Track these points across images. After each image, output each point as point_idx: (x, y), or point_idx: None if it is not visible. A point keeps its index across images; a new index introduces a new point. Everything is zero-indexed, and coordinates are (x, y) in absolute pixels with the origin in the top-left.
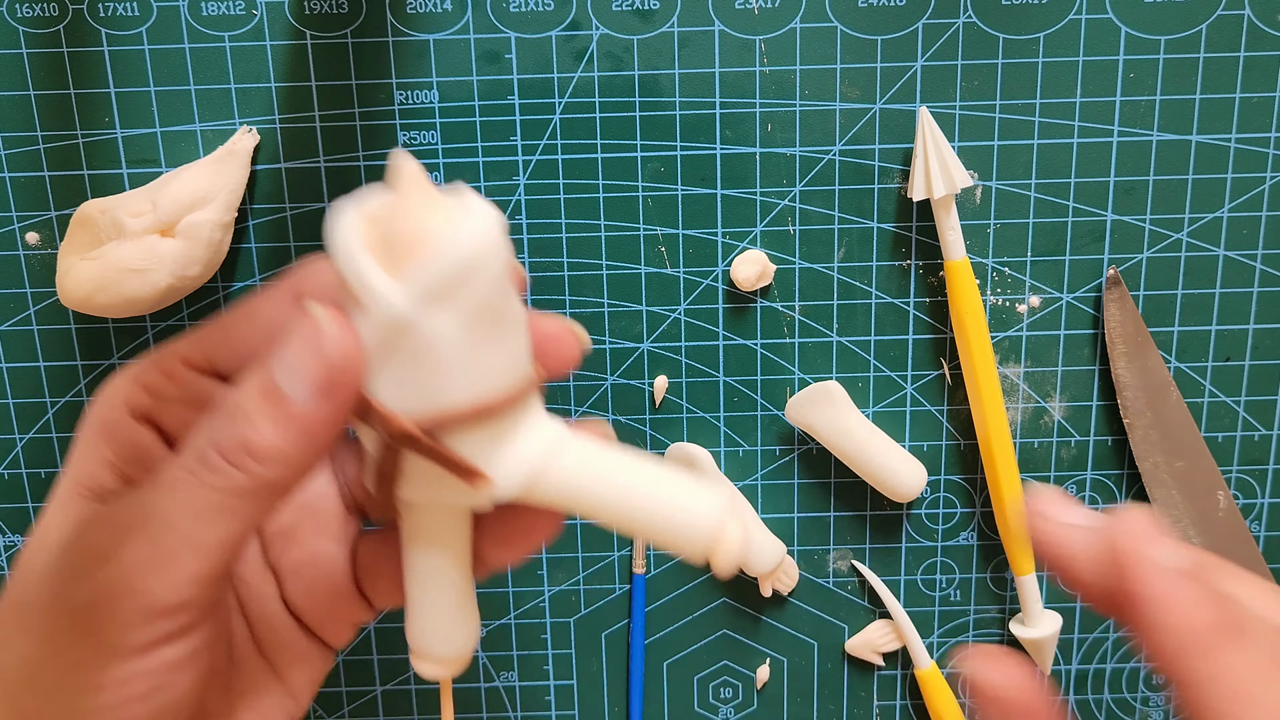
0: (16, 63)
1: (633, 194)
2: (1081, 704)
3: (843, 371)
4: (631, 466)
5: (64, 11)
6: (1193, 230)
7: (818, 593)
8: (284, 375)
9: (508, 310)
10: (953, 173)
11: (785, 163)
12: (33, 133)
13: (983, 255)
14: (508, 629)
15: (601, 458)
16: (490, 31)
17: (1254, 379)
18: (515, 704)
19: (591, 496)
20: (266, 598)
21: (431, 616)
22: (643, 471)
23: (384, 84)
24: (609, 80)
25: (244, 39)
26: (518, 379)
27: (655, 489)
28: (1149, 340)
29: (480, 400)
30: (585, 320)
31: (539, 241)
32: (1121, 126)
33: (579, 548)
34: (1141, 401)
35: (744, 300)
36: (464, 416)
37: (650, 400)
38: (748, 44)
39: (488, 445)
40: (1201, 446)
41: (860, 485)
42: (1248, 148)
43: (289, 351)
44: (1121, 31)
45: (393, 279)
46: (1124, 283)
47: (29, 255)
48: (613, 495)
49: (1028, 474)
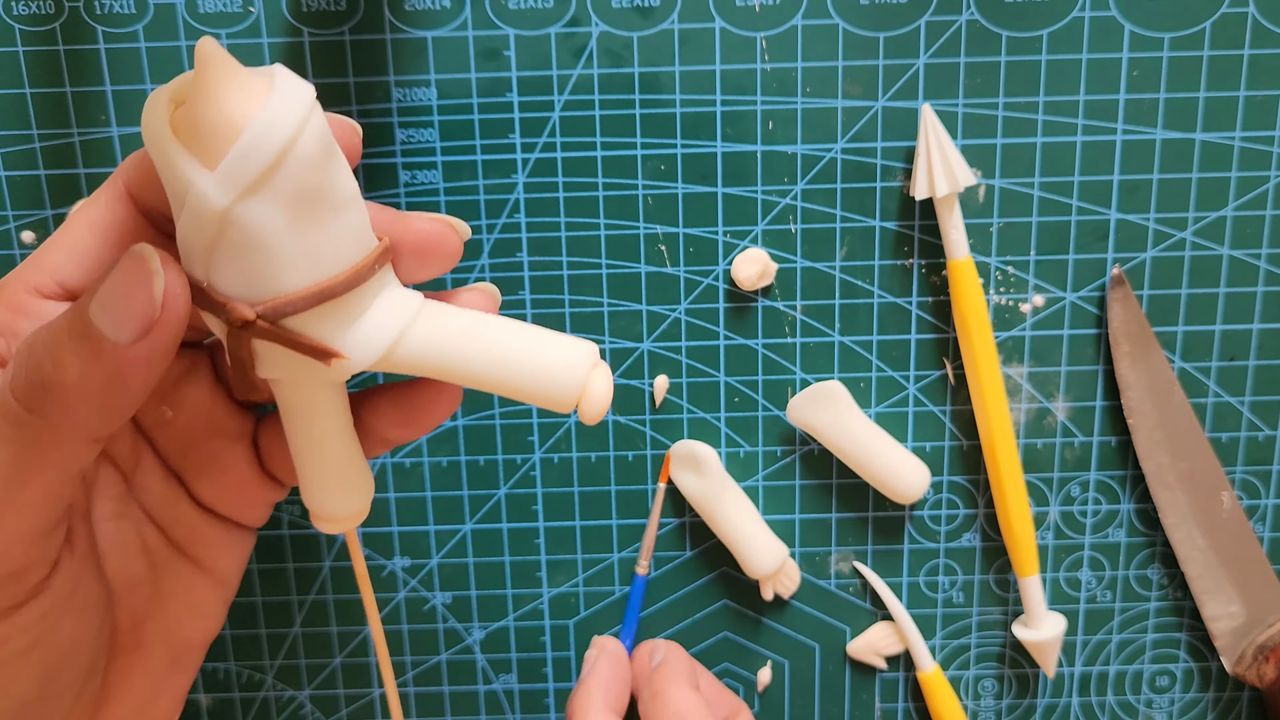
0: (12, 60)
1: (632, 192)
2: (1085, 706)
3: (845, 371)
4: (493, 324)
5: (60, 9)
6: (1197, 229)
7: (819, 595)
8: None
9: (333, 189)
10: (955, 171)
11: (786, 161)
12: (28, 131)
13: (986, 254)
14: (506, 631)
15: (461, 319)
16: (489, 28)
17: (1259, 379)
18: (514, 707)
19: (451, 357)
20: (175, 500)
21: (322, 484)
22: (505, 328)
23: (382, 81)
24: (609, 77)
25: (241, 36)
26: (359, 256)
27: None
28: (1153, 340)
29: (318, 282)
30: (585, 320)
31: (538, 240)
32: (1125, 124)
33: (578, 549)
34: (1146, 402)
35: (745, 299)
36: (303, 300)
37: (650, 400)
38: (749, 41)
39: (336, 322)
40: (1205, 447)
41: (862, 486)
42: (1252, 146)
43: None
44: (1125, 29)
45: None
46: (1128, 282)
47: (24, 254)
48: (473, 353)
49: (1031, 474)
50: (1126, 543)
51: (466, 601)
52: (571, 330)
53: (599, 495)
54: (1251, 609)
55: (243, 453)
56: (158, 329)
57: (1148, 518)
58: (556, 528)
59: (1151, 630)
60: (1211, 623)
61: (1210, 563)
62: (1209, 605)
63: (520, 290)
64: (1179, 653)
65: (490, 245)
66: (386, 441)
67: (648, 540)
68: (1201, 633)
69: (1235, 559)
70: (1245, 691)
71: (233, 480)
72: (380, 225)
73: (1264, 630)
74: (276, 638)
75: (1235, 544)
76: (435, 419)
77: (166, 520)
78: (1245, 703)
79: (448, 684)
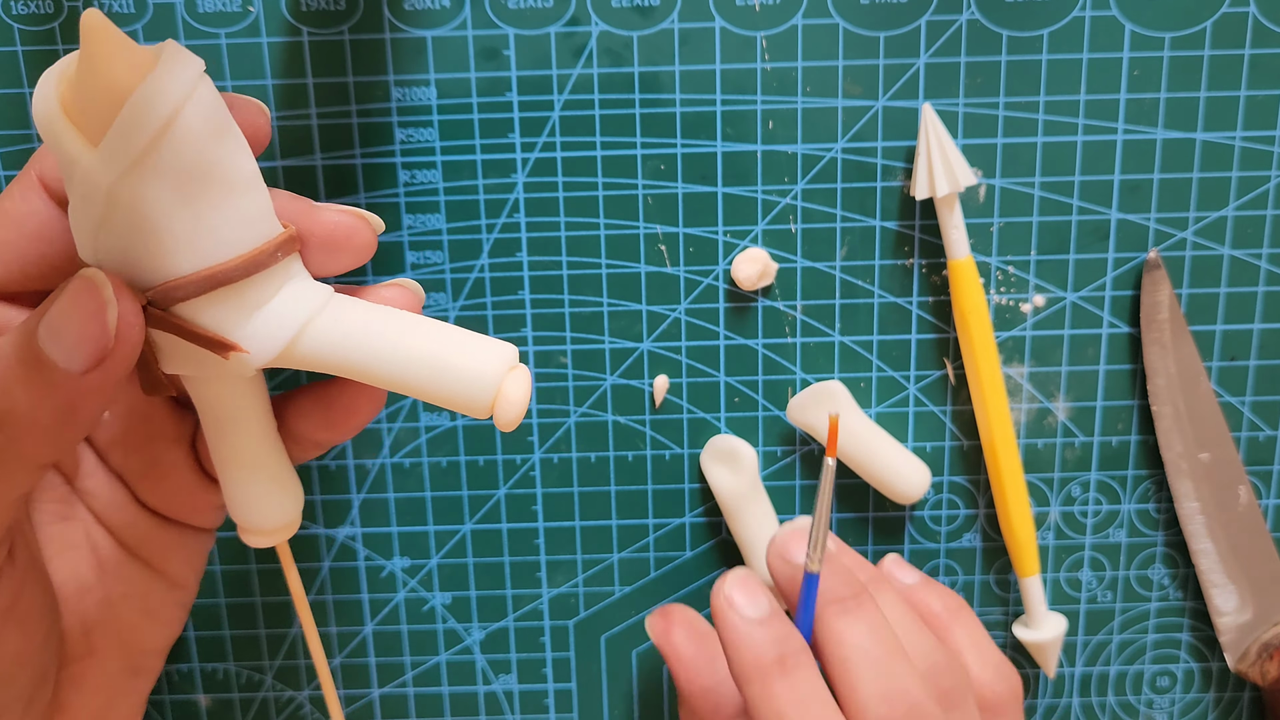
0: (11, 60)
1: (632, 192)
2: (1085, 706)
3: (845, 371)
4: (406, 322)
5: (59, 8)
6: (1198, 229)
7: None
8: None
9: (227, 168)
10: (956, 171)
11: (787, 160)
12: (28, 130)
13: (986, 254)
14: (506, 632)
15: (374, 314)
16: (488, 28)
17: (1259, 379)
18: (514, 707)
19: (359, 354)
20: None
21: (246, 492)
22: (419, 326)
23: (381, 81)
24: (609, 77)
25: (240, 36)
26: (257, 242)
27: (431, 343)
28: (1184, 327)
29: (210, 267)
30: (585, 320)
31: (538, 240)
32: (1126, 124)
33: (578, 550)
34: (1173, 389)
35: (745, 299)
36: (194, 284)
37: (650, 400)
38: (749, 40)
39: (233, 312)
40: (1227, 439)
41: (862, 486)
42: (1253, 146)
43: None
44: (1126, 28)
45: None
46: (1164, 266)
47: None
48: (384, 352)
49: (1032, 475)
50: (1128, 543)
51: (466, 602)
52: (571, 330)
53: (599, 495)
54: (1259, 606)
55: (183, 455)
56: (111, 359)
57: (1149, 518)
58: (556, 528)
59: (1152, 630)
60: (1217, 617)
61: (1222, 557)
62: (1216, 599)
63: (520, 290)
64: (1180, 653)
65: (490, 245)
66: (316, 444)
67: (820, 528)
68: (1203, 633)
69: (1246, 555)
70: (1246, 692)
71: (175, 484)
72: (288, 214)
73: (1270, 628)
74: (276, 638)
75: (1248, 540)
76: (359, 419)
77: (114, 523)
78: (1246, 703)
79: (447, 684)
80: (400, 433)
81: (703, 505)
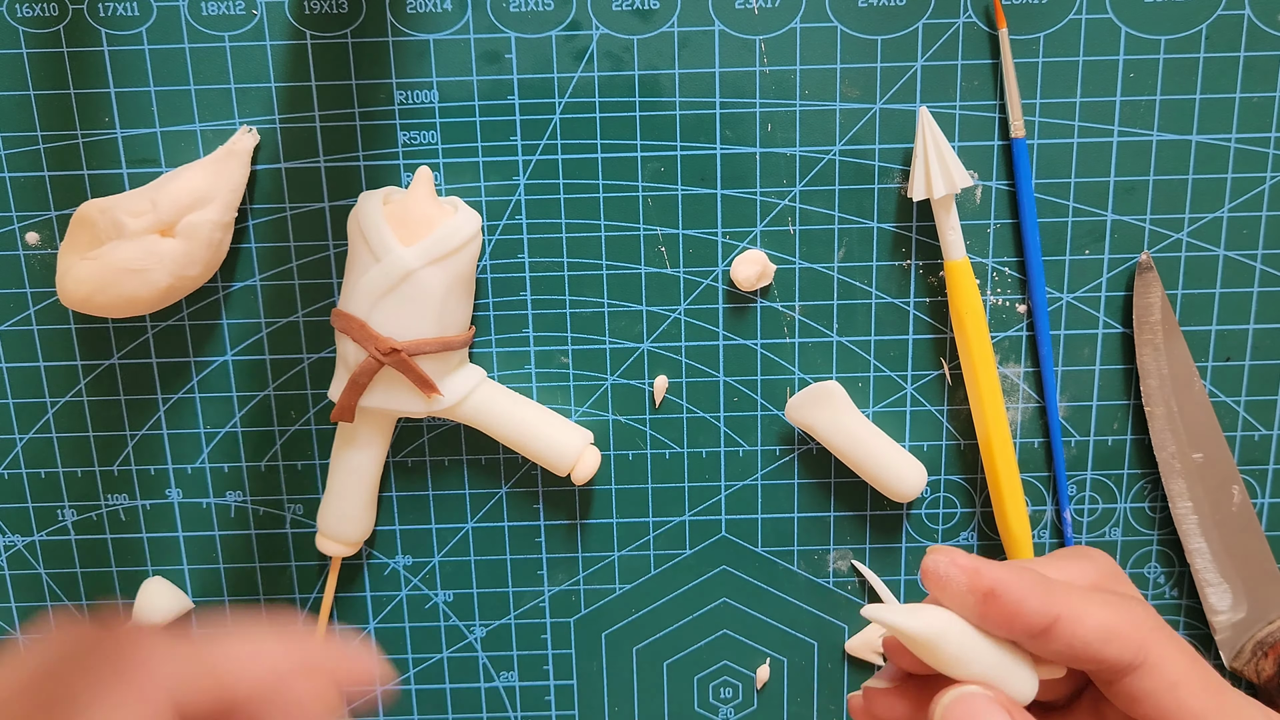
0: (16, 63)
1: (633, 194)
2: None
3: (843, 371)
4: (524, 404)
5: (64, 11)
6: (1193, 230)
7: (818, 592)
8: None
9: (468, 282)
10: (953, 173)
11: (785, 163)
12: (32, 132)
13: (983, 255)
14: (508, 629)
15: (506, 395)
16: (490, 31)
17: (1254, 379)
18: (515, 704)
19: (498, 420)
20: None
21: (344, 505)
22: (532, 408)
23: (384, 84)
24: (609, 80)
25: (244, 39)
26: (465, 330)
27: (540, 421)
28: (1177, 328)
29: (445, 336)
30: (585, 320)
31: (539, 241)
32: (1122, 126)
33: (579, 548)
34: (1165, 390)
35: (744, 300)
36: (433, 345)
37: (650, 400)
38: (748, 44)
39: (439, 370)
40: (1220, 439)
41: (860, 485)
42: (1248, 148)
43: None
44: (1121, 31)
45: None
46: (1155, 268)
47: (29, 255)
48: (512, 421)
49: (1028, 474)
50: (1123, 541)
51: (468, 599)
52: (571, 331)
53: (600, 494)
54: (1253, 604)
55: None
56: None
57: (1144, 517)
58: (557, 526)
59: None
60: (1212, 615)
61: (1216, 555)
62: (1211, 598)
63: (521, 291)
64: None
65: (491, 246)
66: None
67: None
68: (1199, 631)
69: (1240, 553)
70: (1241, 688)
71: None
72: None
73: (1264, 626)
74: None
75: (1242, 538)
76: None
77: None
78: None
79: (449, 681)
80: (403, 432)
81: (703, 503)
